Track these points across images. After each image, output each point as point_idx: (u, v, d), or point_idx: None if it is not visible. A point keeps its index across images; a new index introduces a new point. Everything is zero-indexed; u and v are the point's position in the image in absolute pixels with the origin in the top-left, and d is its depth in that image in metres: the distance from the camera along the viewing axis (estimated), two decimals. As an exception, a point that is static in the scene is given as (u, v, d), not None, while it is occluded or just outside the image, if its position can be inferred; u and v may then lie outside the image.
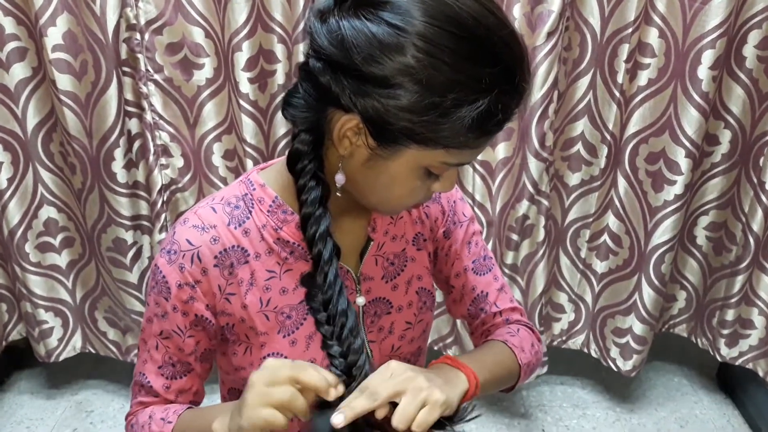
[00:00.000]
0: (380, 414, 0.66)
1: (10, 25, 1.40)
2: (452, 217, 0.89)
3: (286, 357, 0.77)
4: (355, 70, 0.61)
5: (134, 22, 1.39)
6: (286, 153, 0.72)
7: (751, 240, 1.58)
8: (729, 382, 1.92)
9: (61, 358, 1.77)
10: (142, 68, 1.44)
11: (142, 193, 1.57)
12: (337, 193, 0.72)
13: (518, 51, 0.63)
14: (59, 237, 1.65)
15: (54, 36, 1.37)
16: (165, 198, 1.57)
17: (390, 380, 0.68)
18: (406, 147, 0.65)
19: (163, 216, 1.58)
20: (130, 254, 1.63)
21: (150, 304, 0.76)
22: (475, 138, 0.64)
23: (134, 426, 0.80)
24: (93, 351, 1.80)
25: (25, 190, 1.57)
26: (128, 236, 1.61)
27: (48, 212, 1.62)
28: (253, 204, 0.75)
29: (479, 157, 1.52)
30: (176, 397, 0.80)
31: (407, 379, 0.68)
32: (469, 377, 0.76)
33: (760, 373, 1.71)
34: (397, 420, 0.65)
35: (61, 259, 1.67)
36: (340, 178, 0.70)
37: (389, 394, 0.67)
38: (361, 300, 0.81)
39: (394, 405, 0.67)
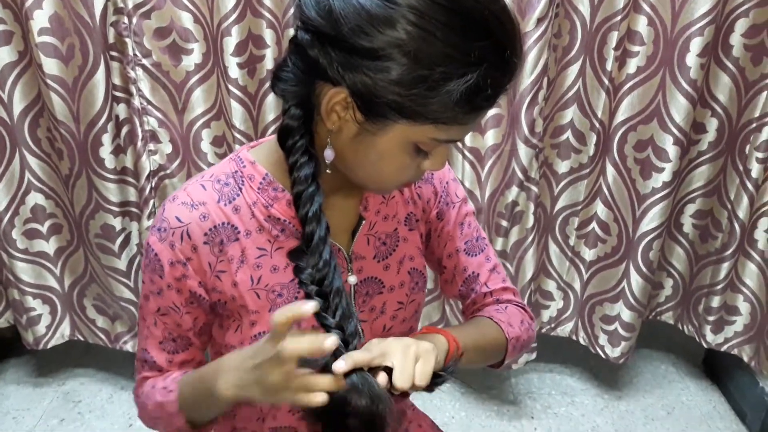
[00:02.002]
0: (381, 381, 0.66)
1: (-5, 8, 1.39)
2: (445, 198, 0.89)
3: None
4: (343, 42, 0.61)
5: (122, 5, 1.38)
6: (277, 129, 0.72)
7: (737, 227, 1.60)
8: (715, 368, 1.95)
9: (50, 345, 1.76)
10: (130, 53, 1.43)
11: (131, 179, 1.56)
12: (327, 170, 0.71)
13: (509, 26, 0.63)
14: (47, 224, 1.64)
15: (40, 19, 1.36)
16: (153, 184, 1.56)
17: (378, 344, 0.69)
18: (394, 122, 0.64)
19: (151, 202, 1.57)
20: (119, 241, 1.62)
21: (146, 282, 0.77)
22: (464, 113, 0.64)
23: (141, 398, 0.82)
24: (81, 338, 1.79)
25: (12, 176, 1.56)
26: (116, 222, 1.60)
27: (35, 198, 1.61)
28: (243, 181, 0.75)
29: (468, 144, 1.52)
30: (180, 369, 0.81)
31: (393, 340, 0.69)
32: (448, 339, 0.77)
33: (745, 359, 1.73)
34: (399, 379, 0.66)
35: (49, 246, 1.66)
36: (329, 154, 0.70)
37: (381, 350, 0.67)
38: (352, 279, 0.81)
39: (390, 376, 0.67)
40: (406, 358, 0.67)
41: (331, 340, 0.61)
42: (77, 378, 1.88)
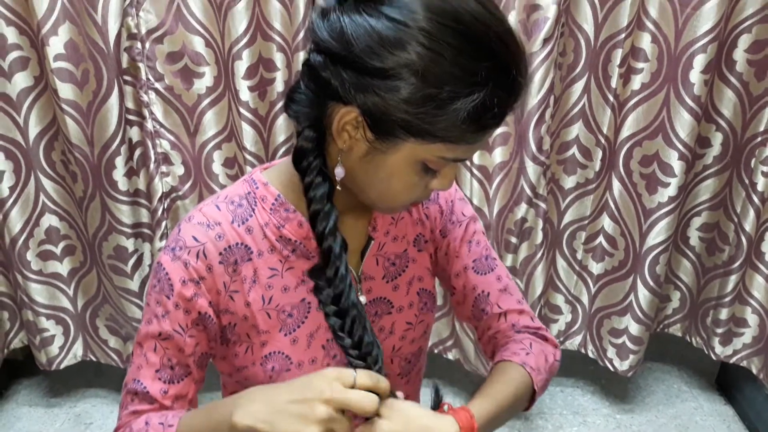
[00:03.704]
0: None
1: (12, 35, 1.41)
2: (449, 216, 0.89)
3: (287, 356, 0.78)
4: (354, 62, 0.63)
5: (135, 31, 1.41)
6: (291, 151, 0.73)
7: (744, 240, 1.61)
8: (728, 385, 1.94)
9: (62, 366, 1.77)
10: (143, 77, 1.45)
11: (143, 201, 1.59)
12: (338, 187, 0.73)
13: (514, 47, 0.64)
14: (60, 245, 1.66)
15: (56, 45, 1.39)
16: (165, 205, 1.58)
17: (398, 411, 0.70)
18: (403, 140, 0.66)
19: (163, 224, 1.59)
20: (131, 262, 1.64)
21: (150, 305, 0.75)
22: (471, 132, 0.65)
23: None
24: (94, 359, 1.81)
25: (27, 198, 1.58)
26: (129, 244, 1.62)
27: (49, 220, 1.63)
28: (256, 202, 0.76)
29: (476, 162, 1.54)
30: (173, 404, 0.77)
31: (417, 415, 0.70)
32: (460, 421, 0.74)
33: (754, 371, 1.74)
34: None
35: (63, 267, 1.68)
36: (339, 172, 0.71)
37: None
38: (362, 299, 0.82)
39: None
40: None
41: (372, 405, 0.64)
42: (89, 400, 1.89)
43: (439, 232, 0.89)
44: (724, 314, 1.72)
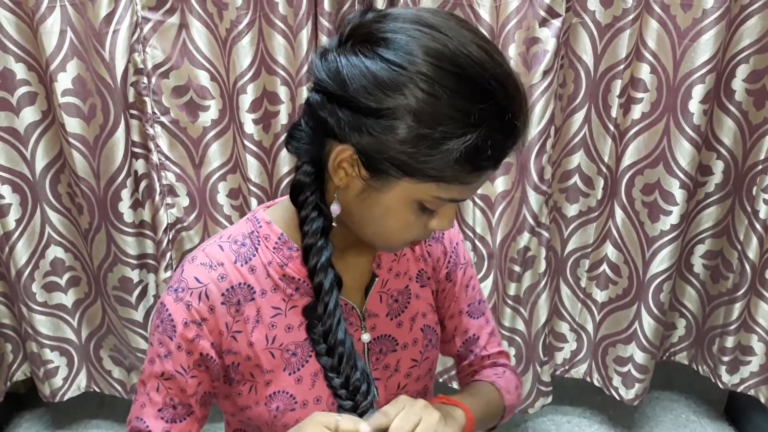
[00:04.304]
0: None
1: (21, 71, 1.44)
2: (454, 258, 0.91)
3: (291, 395, 0.78)
4: (349, 102, 0.64)
5: (142, 66, 1.44)
6: (289, 185, 0.74)
7: (747, 268, 1.61)
8: (736, 414, 1.92)
9: (66, 397, 1.77)
10: (149, 111, 1.48)
11: (148, 232, 1.60)
12: (333, 223, 0.73)
13: (512, 90, 0.64)
14: (65, 276, 1.67)
15: (64, 81, 1.41)
16: (171, 237, 1.59)
17: (406, 406, 0.71)
18: (397, 179, 0.66)
19: (168, 254, 1.60)
20: (136, 293, 1.65)
21: (153, 344, 0.76)
22: (465, 173, 0.65)
23: None
24: (97, 390, 1.80)
25: (33, 230, 1.59)
26: (134, 275, 1.62)
27: (55, 252, 1.64)
28: (259, 241, 0.77)
29: (479, 191, 1.55)
30: None
31: (421, 405, 0.72)
32: (467, 413, 0.79)
33: (762, 399, 1.72)
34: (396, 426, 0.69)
35: (67, 299, 1.69)
36: (335, 209, 0.72)
37: (396, 412, 0.71)
38: (366, 336, 0.81)
39: None
40: (409, 411, 0.70)
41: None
42: (92, 431, 1.88)
43: (444, 276, 0.90)
44: (730, 342, 1.71)
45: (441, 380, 1.82)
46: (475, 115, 0.62)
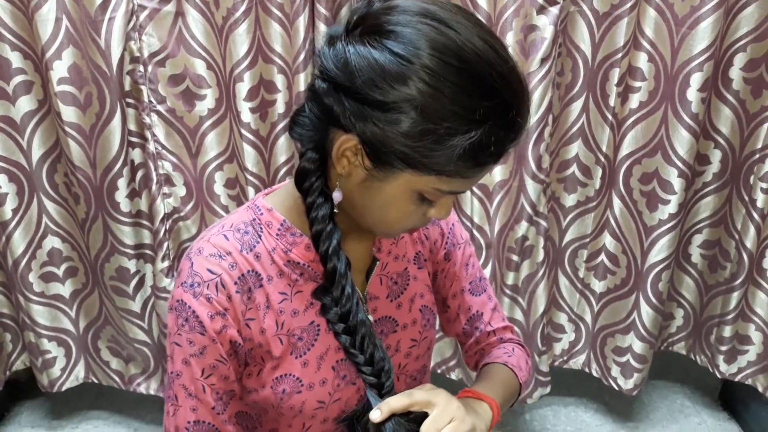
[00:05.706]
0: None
1: (16, 60, 1.43)
2: (451, 239, 0.92)
3: (298, 378, 0.78)
4: (356, 93, 0.64)
5: (138, 54, 1.43)
6: (293, 173, 0.75)
7: (745, 257, 1.61)
8: (732, 401, 1.93)
9: (64, 388, 1.77)
10: (145, 99, 1.47)
11: (145, 222, 1.59)
12: (335, 210, 0.74)
13: (517, 87, 0.65)
14: (63, 267, 1.67)
15: (59, 69, 1.41)
16: (167, 226, 1.59)
17: (428, 390, 0.74)
18: (400, 171, 0.67)
19: (165, 245, 1.59)
20: (133, 283, 1.64)
21: (182, 345, 0.74)
22: (467, 168, 0.66)
23: None
24: (96, 381, 1.80)
25: (30, 220, 1.59)
26: (131, 265, 1.62)
27: (52, 242, 1.63)
28: (261, 228, 0.77)
29: (477, 181, 1.55)
30: (233, 426, 0.79)
31: (441, 393, 0.74)
32: (492, 406, 0.81)
33: (760, 389, 1.73)
34: (427, 427, 0.70)
35: (65, 289, 1.68)
36: (337, 196, 0.73)
37: (424, 398, 0.72)
38: (368, 319, 0.82)
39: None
40: (442, 413, 0.72)
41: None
42: (91, 421, 1.88)
43: (443, 256, 0.92)
44: (727, 332, 1.71)
45: (439, 371, 1.82)
46: (480, 112, 0.63)
